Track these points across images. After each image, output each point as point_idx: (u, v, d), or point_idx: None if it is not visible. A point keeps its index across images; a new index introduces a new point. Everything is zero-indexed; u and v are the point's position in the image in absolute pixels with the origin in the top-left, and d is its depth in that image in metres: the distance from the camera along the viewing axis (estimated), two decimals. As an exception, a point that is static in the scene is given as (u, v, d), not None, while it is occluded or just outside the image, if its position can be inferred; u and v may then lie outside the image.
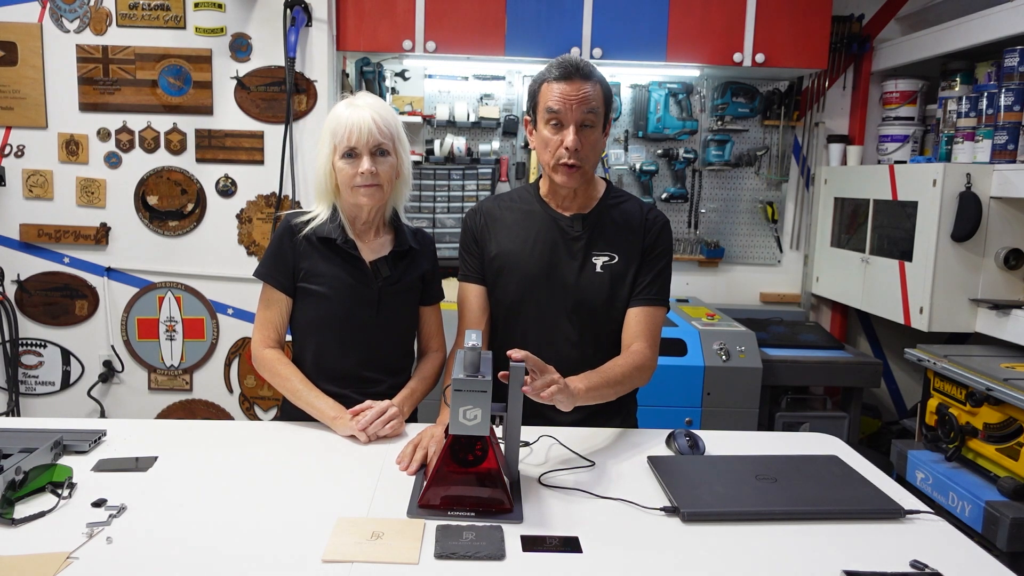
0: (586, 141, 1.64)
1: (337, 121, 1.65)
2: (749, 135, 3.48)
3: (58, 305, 2.90)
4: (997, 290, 2.58)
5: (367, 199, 1.67)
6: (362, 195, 1.66)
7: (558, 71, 1.62)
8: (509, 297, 1.75)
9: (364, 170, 1.63)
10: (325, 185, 1.70)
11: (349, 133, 1.63)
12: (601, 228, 1.75)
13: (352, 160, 1.65)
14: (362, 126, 1.62)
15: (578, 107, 1.61)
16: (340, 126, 1.64)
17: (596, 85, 1.63)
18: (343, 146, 1.64)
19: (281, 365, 1.71)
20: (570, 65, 1.62)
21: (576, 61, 1.63)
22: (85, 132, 2.81)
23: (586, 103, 1.61)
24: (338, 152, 1.66)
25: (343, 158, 1.65)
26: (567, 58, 1.64)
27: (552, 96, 1.62)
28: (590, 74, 1.63)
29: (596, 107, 1.63)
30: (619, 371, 1.60)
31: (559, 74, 1.62)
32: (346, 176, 1.66)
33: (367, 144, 1.63)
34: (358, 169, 1.64)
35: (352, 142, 1.63)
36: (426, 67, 3.34)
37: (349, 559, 1.10)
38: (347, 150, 1.64)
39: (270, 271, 1.73)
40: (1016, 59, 2.51)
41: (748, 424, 2.76)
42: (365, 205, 1.69)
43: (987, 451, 2.21)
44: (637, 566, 1.12)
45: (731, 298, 3.57)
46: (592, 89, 1.62)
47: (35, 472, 1.28)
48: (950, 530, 1.27)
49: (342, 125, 1.64)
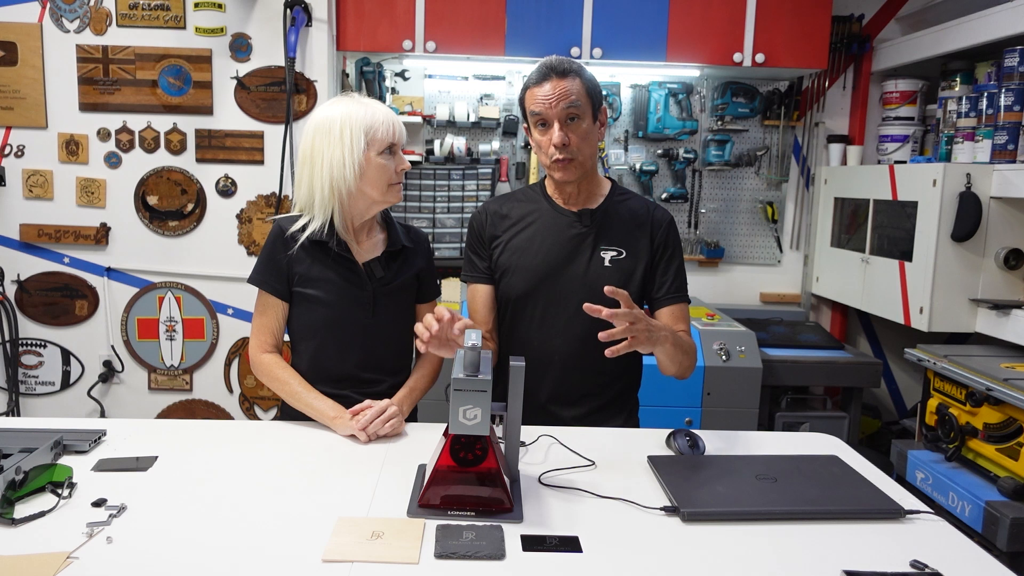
0: (574, 134, 1.66)
1: (371, 117, 1.63)
2: (749, 135, 3.48)
3: (58, 305, 2.90)
4: (997, 290, 2.58)
5: (397, 196, 1.69)
6: (394, 193, 1.68)
7: (535, 75, 1.68)
8: (517, 291, 1.76)
9: (402, 167, 1.67)
10: (336, 187, 1.63)
11: (390, 129, 1.64)
12: (608, 223, 1.76)
13: (392, 157, 1.66)
14: (395, 122, 1.65)
15: (557, 104, 1.64)
16: (378, 123, 1.63)
17: (575, 79, 1.66)
18: (386, 142, 1.64)
19: (279, 369, 1.71)
20: (544, 67, 1.67)
21: (550, 62, 1.67)
22: (85, 132, 2.81)
23: (565, 98, 1.64)
24: (375, 148, 1.64)
25: (383, 154, 1.64)
26: (544, 61, 1.68)
27: (534, 100, 1.67)
28: (566, 71, 1.65)
29: (576, 100, 1.65)
30: (688, 341, 1.68)
31: (536, 78, 1.67)
32: (384, 173, 1.65)
33: (400, 140, 1.67)
34: (398, 166, 1.66)
35: (394, 138, 1.65)
36: (426, 67, 3.34)
37: (349, 559, 1.10)
38: (389, 146, 1.65)
39: (264, 277, 1.71)
40: (1016, 59, 2.51)
41: (748, 424, 2.76)
42: (395, 202, 1.71)
43: (987, 451, 2.21)
44: (637, 566, 1.12)
45: (731, 298, 3.57)
46: (570, 83, 1.65)
47: (35, 472, 1.28)
48: (950, 530, 1.27)
49: (379, 121, 1.63)
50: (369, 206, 1.70)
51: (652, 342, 1.50)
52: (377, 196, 1.67)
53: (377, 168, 1.64)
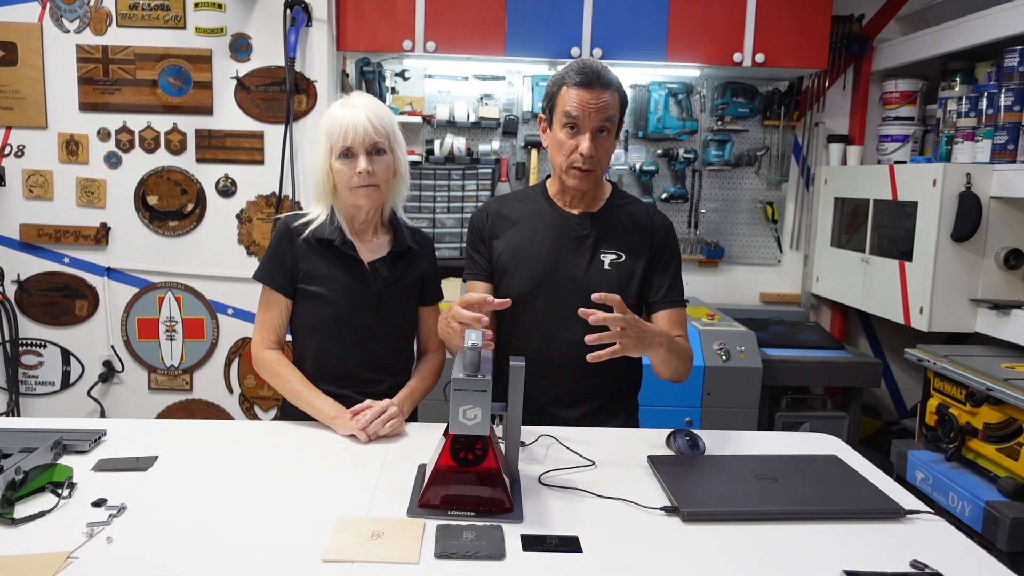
0: (600, 147, 1.66)
1: (332, 121, 1.65)
2: (749, 135, 3.48)
3: (58, 305, 2.90)
4: (997, 290, 2.58)
5: (365, 199, 1.66)
6: (360, 195, 1.66)
7: (579, 77, 1.63)
8: (516, 293, 1.75)
9: (361, 170, 1.62)
10: (323, 186, 1.70)
11: (344, 133, 1.62)
12: (608, 227, 1.76)
13: (349, 160, 1.64)
14: (357, 125, 1.62)
15: (596, 115, 1.62)
16: (335, 126, 1.63)
17: (614, 93, 1.65)
18: (339, 146, 1.64)
19: (281, 366, 1.71)
20: (591, 72, 1.63)
21: (597, 68, 1.64)
22: (85, 132, 2.81)
23: (604, 111, 1.63)
24: (335, 153, 1.65)
25: (340, 158, 1.65)
26: (588, 63, 1.64)
27: (571, 101, 1.63)
28: (610, 83, 1.64)
29: (613, 115, 1.65)
30: (684, 347, 1.67)
31: (579, 80, 1.63)
32: (343, 177, 1.65)
33: (363, 143, 1.63)
34: (355, 169, 1.63)
35: (348, 142, 1.62)
36: (426, 67, 3.34)
37: (349, 559, 1.10)
38: (343, 150, 1.64)
39: (269, 273, 1.72)
40: (1016, 59, 2.51)
41: (748, 424, 2.76)
42: (363, 205, 1.68)
43: (987, 451, 2.21)
44: (637, 566, 1.12)
45: (731, 298, 3.57)
46: (611, 98, 1.64)
47: (35, 472, 1.28)
48: (950, 530, 1.27)
49: (337, 125, 1.63)
50: (350, 206, 1.71)
51: (644, 347, 1.48)
52: (346, 198, 1.69)
53: (337, 172, 1.66)
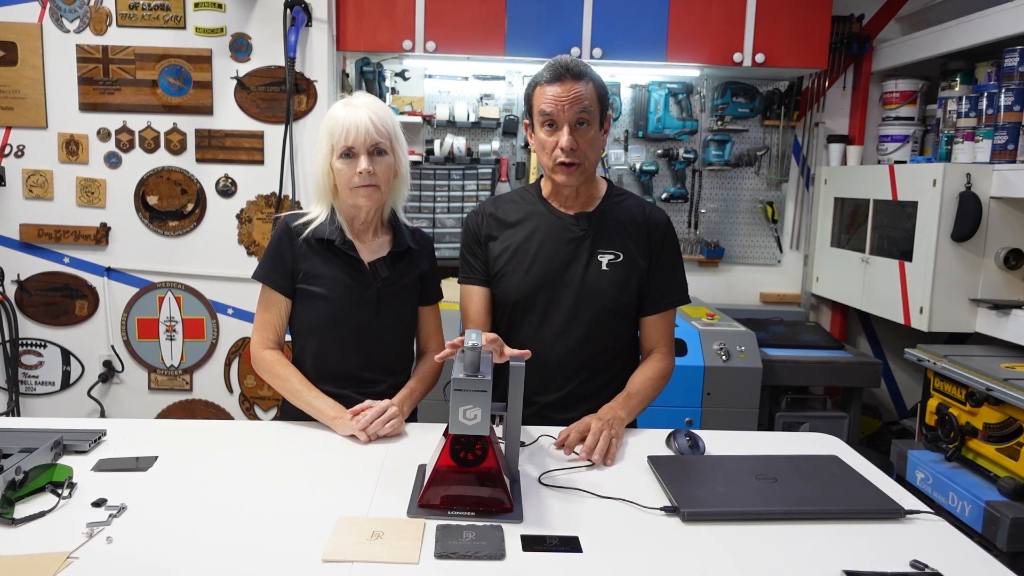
0: (582, 139, 1.64)
1: (334, 121, 1.65)
2: (749, 135, 3.48)
3: (58, 305, 2.90)
4: (997, 290, 2.58)
5: (365, 199, 1.66)
6: (360, 195, 1.66)
7: (549, 73, 1.64)
8: (513, 296, 1.74)
9: (362, 170, 1.62)
10: (323, 186, 1.70)
11: (346, 133, 1.62)
12: (605, 226, 1.75)
13: (350, 160, 1.64)
14: (359, 126, 1.62)
15: (570, 107, 1.62)
16: (337, 126, 1.64)
17: (588, 83, 1.64)
18: (340, 146, 1.64)
19: (280, 366, 1.71)
20: (560, 67, 1.63)
21: (566, 62, 1.64)
22: (85, 132, 2.81)
23: (578, 102, 1.62)
24: (335, 153, 1.65)
25: (341, 158, 1.65)
26: (558, 59, 1.65)
27: (545, 99, 1.64)
28: (581, 73, 1.63)
29: (589, 106, 1.63)
30: (650, 388, 1.75)
31: (550, 76, 1.64)
32: (344, 177, 1.65)
33: (364, 144, 1.63)
34: (356, 169, 1.63)
35: (349, 142, 1.63)
36: (426, 67, 3.34)
37: (349, 559, 1.10)
38: (344, 150, 1.64)
39: (269, 273, 1.72)
40: (1016, 59, 2.51)
41: (748, 424, 2.76)
42: (364, 206, 1.68)
43: (987, 451, 2.21)
44: (637, 566, 1.12)
45: (731, 298, 3.57)
46: (584, 88, 1.63)
47: (35, 472, 1.28)
48: (950, 530, 1.27)
49: (339, 125, 1.63)
50: (350, 206, 1.71)
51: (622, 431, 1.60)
52: (347, 198, 1.69)
53: (337, 172, 1.66)
